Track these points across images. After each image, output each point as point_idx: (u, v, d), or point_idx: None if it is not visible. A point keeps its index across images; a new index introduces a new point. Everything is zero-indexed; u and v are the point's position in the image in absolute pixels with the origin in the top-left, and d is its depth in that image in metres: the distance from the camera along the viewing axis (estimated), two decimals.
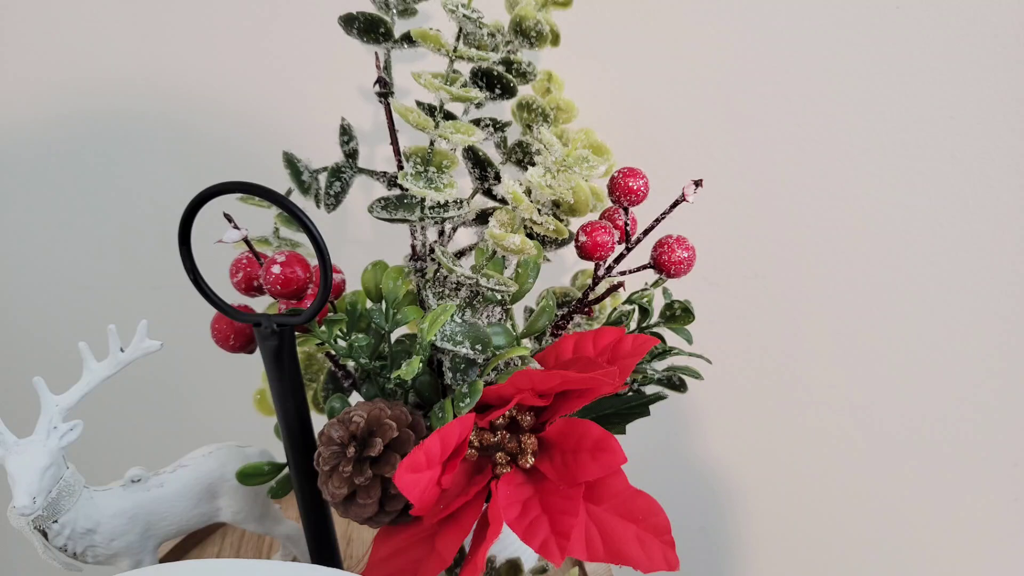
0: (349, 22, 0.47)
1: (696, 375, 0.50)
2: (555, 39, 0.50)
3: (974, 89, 0.64)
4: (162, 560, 0.56)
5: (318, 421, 0.46)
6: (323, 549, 0.49)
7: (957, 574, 0.84)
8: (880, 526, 0.84)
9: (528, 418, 0.43)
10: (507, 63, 0.49)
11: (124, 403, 0.86)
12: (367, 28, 0.47)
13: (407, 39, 0.48)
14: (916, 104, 0.65)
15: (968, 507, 0.80)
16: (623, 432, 0.49)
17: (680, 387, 0.51)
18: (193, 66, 0.71)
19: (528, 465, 0.41)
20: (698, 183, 0.45)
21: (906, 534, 0.84)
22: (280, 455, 0.49)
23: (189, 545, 0.62)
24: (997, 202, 0.67)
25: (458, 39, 0.45)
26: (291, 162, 0.52)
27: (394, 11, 0.49)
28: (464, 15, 0.44)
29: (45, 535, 0.43)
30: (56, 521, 0.43)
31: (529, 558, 0.55)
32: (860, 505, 0.83)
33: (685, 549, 0.55)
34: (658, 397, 0.49)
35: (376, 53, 0.50)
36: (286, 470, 0.49)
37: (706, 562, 0.91)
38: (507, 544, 0.55)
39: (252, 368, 0.55)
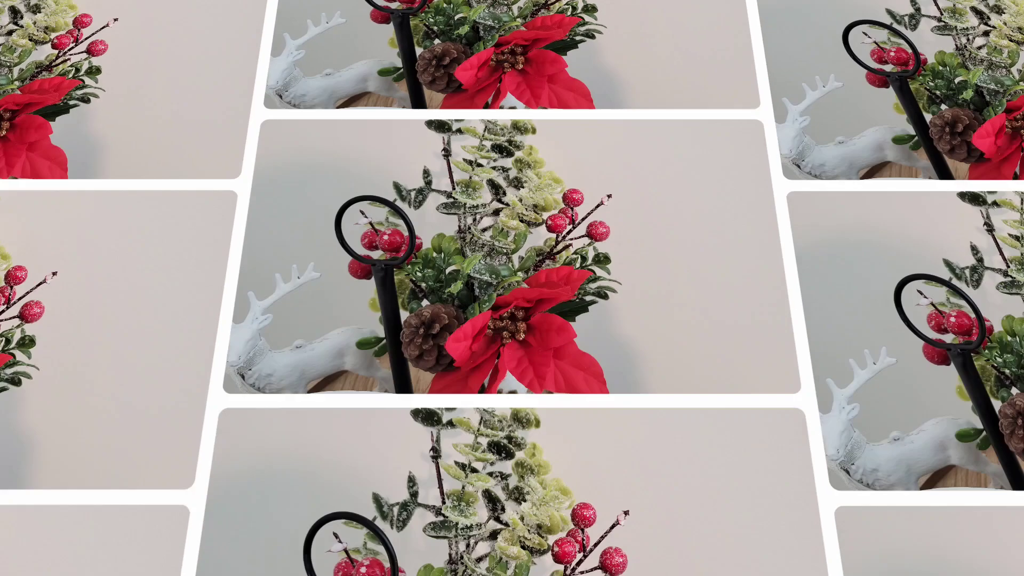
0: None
1: (612, 291, 0.83)
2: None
3: None
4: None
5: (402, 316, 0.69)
6: (402, 385, 0.71)
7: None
8: None
9: (521, 313, 0.61)
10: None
11: None
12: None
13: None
14: None
15: None
16: (573, 321, 0.64)
17: (605, 297, 0.85)
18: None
19: (521, 338, 0.61)
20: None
21: None
22: (382, 334, 0.72)
23: None
24: None
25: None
26: (397, 188, 0.79)
27: None
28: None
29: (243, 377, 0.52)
30: (251, 369, 0.71)
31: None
32: None
33: None
34: (592, 302, 0.83)
35: None
36: (384, 341, 0.81)
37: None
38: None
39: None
